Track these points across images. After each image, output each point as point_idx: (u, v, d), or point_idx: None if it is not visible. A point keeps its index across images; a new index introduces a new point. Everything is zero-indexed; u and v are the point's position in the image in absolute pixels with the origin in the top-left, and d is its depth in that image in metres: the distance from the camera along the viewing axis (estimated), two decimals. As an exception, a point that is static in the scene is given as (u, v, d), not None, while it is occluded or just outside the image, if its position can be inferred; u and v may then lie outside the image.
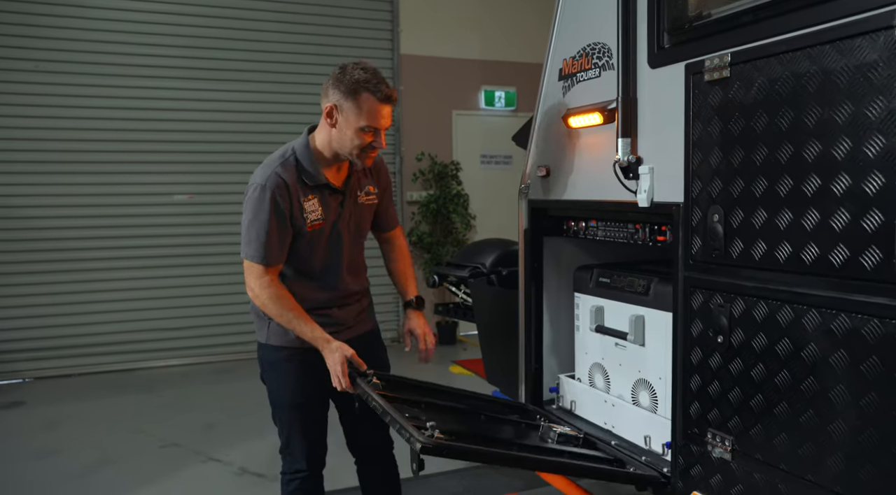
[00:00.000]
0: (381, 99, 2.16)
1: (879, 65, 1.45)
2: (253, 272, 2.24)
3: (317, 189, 2.27)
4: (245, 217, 2.26)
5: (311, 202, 2.25)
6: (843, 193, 1.53)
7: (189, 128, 6.31)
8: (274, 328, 2.34)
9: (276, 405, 2.43)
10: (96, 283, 6.08)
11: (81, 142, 6.00)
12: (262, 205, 2.19)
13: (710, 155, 1.88)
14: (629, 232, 2.41)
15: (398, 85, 7.12)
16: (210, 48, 6.35)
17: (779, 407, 1.71)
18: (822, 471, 1.62)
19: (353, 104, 2.16)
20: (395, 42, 7.13)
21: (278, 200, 2.18)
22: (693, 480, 2.00)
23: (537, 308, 2.82)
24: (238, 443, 4.33)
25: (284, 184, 2.20)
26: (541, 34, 7.78)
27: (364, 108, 2.15)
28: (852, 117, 1.51)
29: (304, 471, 2.41)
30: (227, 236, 6.50)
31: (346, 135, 2.19)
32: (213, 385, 5.70)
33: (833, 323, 1.57)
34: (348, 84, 2.15)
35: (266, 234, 2.19)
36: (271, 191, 2.18)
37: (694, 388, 1.98)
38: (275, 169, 2.23)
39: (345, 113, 2.17)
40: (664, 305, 2.27)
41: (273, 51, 6.57)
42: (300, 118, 6.65)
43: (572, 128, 2.47)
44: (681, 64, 1.98)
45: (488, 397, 2.75)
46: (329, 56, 6.76)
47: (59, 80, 5.90)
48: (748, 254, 1.79)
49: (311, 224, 2.26)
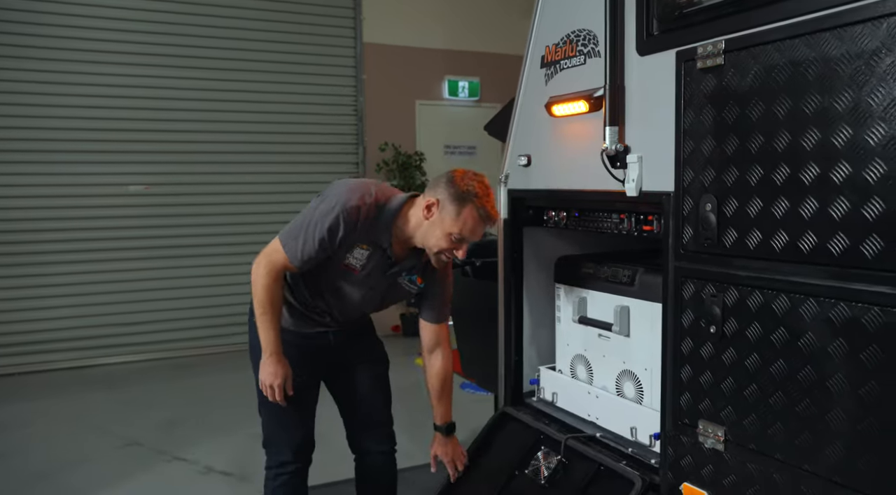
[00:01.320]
0: (483, 217, 2.20)
1: (882, 52, 1.44)
2: (272, 258, 2.21)
3: (374, 245, 2.25)
4: (308, 213, 2.21)
5: (362, 251, 2.24)
6: (843, 181, 1.52)
7: (145, 117, 6.11)
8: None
9: (264, 395, 2.33)
10: (49, 277, 5.85)
11: (29, 130, 5.77)
12: (326, 219, 2.16)
13: (703, 143, 1.86)
14: (614, 222, 2.38)
15: (361, 74, 7.02)
16: (165, 34, 6.15)
17: (774, 396, 1.71)
18: (820, 460, 1.61)
19: (455, 209, 2.17)
20: (358, 30, 7.02)
21: (342, 227, 2.16)
22: (683, 471, 1.99)
23: (517, 299, 2.79)
24: (203, 441, 4.21)
25: (354, 223, 2.18)
26: (504, 24, 7.83)
27: (462, 218, 2.17)
28: (854, 105, 1.50)
29: (291, 464, 2.35)
30: (185, 228, 6.34)
31: (435, 234, 2.20)
32: (174, 381, 5.54)
33: (832, 311, 1.56)
34: (460, 191, 2.18)
35: (313, 243, 2.16)
36: (344, 216, 2.16)
37: (685, 379, 1.96)
38: (359, 202, 2.18)
39: (443, 213, 2.18)
40: (650, 296, 2.26)
41: (232, 37, 6.40)
42: (260, 106, 6.52)
43: (556, 117, 2.43)
44: (671, 51, 1.95)
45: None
46: (290, 43, 6.64)
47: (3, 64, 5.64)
48: (742, 244, 1.77)
49: (347, 264, 2.25)
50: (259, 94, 6.52)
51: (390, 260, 2.29)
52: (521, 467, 2.48)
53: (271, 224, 6.56)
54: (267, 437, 2.40)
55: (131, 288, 6.11)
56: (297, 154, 6.72)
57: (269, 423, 2.37)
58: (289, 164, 6.68)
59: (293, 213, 2.33)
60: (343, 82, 6.96)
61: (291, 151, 6.69)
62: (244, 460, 3.94)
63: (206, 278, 6.36)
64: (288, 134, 6.67)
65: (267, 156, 6.58)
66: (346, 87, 6.97)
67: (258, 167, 6.56)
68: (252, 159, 6.53)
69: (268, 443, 2.40)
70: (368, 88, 7.05)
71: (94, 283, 5.99)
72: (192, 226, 6.33)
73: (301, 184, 6.72)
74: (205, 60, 6.29)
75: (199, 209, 6.35)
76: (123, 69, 6.00)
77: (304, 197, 6.69)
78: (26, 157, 5.76)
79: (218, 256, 6.40)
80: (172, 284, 6.23)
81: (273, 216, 6.62)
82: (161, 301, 6.20)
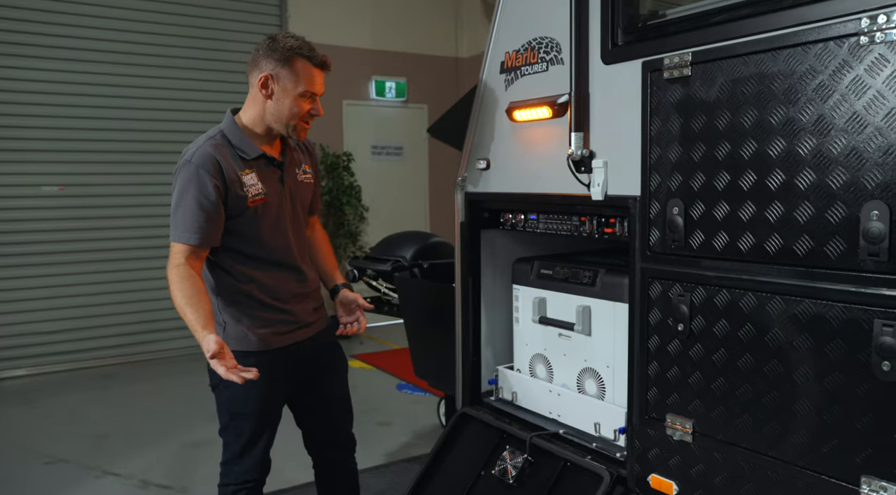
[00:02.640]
0: (317, 64, 2.17)
1: (843, 69, 1.56)
2: (173, 258, 2.08)
3: (252, 162, 2.18)
4: (173, 198, 2.12)
5: (250, 175, 2.16)
6: (808, 187, 1.64)
7: (61, 114, 5.78)
8: (231, 331, 2.20)
9: (236, 414, 2.24)
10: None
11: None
12: (188, 181, 2.08)
13: (670, 150, 1.95)
14: (574, 224, 2.45)
15: (287, 72, 6.89)
16: (81, 27, 5.84)
17: (742, 389, 1.81)
18: (785, 448, 1.73)
19: (289, 71, 2.13)
20: (284, 28, 6.88)
21: (206, 176, 2.07)
22: (651, 463, 2.08)
23: (475, 300, 2.82)
24: (135, 454, 4.04)
25: (214, 159, 2.10)
26: (431, 26, 7.86)
27: (301, 74, 2.14)
28: (817, 117, 1.61)
29: (254, 481, 2.27)
30: (104, 231, 6.05)
31: (285, 105, 2.15)
32: (98, 392, 5.27)
33: (797, 309, 1.68)
34: (282, 51, 2.13)
35: (193, 212, 2.06)
36: (197, 166, 2.08)
37: (652, 374, 2.05)
38: (201, 145, 2.13)
39: (282, 81, 2.14)
40: (611, 295, 2.34)
41: (152, 32, 6.16)
42: (183, 105, 6.30)
43: (517, 122, 2.48)
44: (637, 61, 2.04)
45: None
46: (213, 40, 6.46)
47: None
48: (709, 245, 1.87)
49: (253, 199, 2.15)
50: (181, 92, 6.30)
51: (274, 161, 2.23)
52: (486, 467, 2.52)
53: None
54: (233, 455, 2.27)
55: (46, 294, 5.77)
56: (223, 154, 6.53)
57: (240, 442, 2.25)
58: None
59: None
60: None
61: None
62: (182, 472, 3.81)
63: (128, 283, 6.08)
64: (213, 133, 6.47)
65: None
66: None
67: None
68: (175, 160, 6.27)
69: (233, 461, 2.28)
70: (295, 87, 6.93)
71: (5, 291, 5.62)
72: (111, 228, 6.04)
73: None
74: (123, 55, 6.02)
75: (119, 211, 6.06)
76: (36, 63, 5.67)
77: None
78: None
79: (139, 260, 6.13)
80: (91, 290, 5.93)
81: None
82: (80, 308, 5.89)
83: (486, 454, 2.56)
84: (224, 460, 2.30)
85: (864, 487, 1.57)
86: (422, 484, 2.66)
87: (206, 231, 2.08)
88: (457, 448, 2.69)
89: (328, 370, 2.43)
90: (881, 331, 1.52)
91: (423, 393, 5.01)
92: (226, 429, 2.28)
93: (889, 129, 1.50)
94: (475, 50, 7.94)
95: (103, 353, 5.93)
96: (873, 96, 1.52)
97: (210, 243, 2.12)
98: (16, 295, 5.65)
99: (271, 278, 2.23)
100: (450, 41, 8.06)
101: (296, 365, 2.31)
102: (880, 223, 1.51)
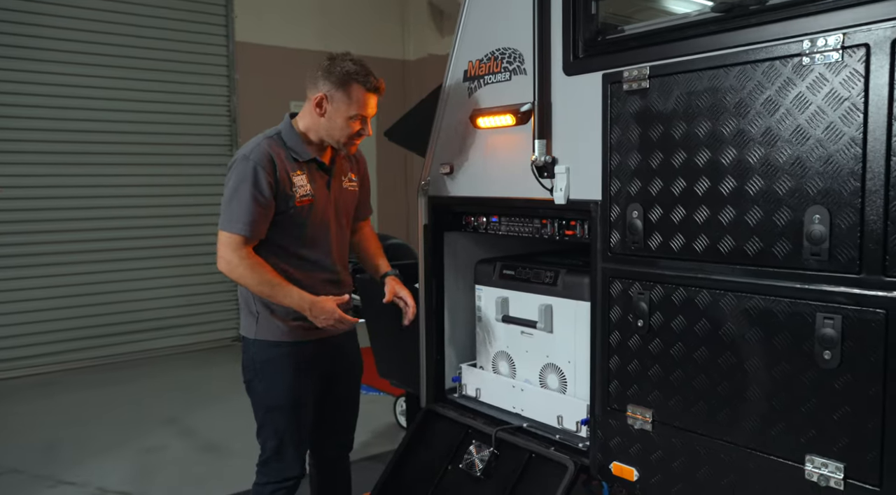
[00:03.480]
0: (370, 89, 2.29)
1: (788, 86, 1.72)
2: (230, 244, 2.19)
3: (304, 165, 2.30)
4: (227, 190, 2.22)
5: (300, 177, 2.28)
6: (757, 193, 1.79)
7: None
8: (264, 322, 2.29)
9: (271, 407, 2.30)
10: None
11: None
12: (244, 176, 2.19)
13: (629, 157, 2.08)
14: (535, 226, 2.57)
15: (234, 74, 6.85)
16: (21, 23, 5.66)
17: (697, 379, 1.96)
18: (738, 432, 1.88)
19: (343, 94, 2.26)
20: (230, 29, 6.83)
21: (261, 172, 2.19)
22: (612, 452, 2.21)
23: (438, 301, 2.91)
24: (89, 461, 3.98)
25: (270, 157, 2.22)
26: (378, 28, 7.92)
27: (354, 98, 2.27)
28: (765, 129, 1.77)
29: (294, 478, 2.32)
30: (45, 234, 5.88)
31: (336, 124, 2.28)
32: (42, 399, 5.13)
33: (748, 304, 1.83)
34: (339, 75, 2.25)
35: (247, 205, 2.18)
36: (254, 163, 2.20)
37: (613, 368, 2.18)
38: (259, 143, 2.25)
39: (335, 103, 2.27)
40: (572, 294, 2.47)
41: (96, 31, 6.02)
42: (126, 105, 6.20)
43: (480, 129, 2.58)
44: (597, 73, 2.16)
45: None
46: (158, 40, 6.36)
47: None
48: (667, 247, 2.01)
49: (301, 199, 2.27)
50: (125, 92, 6.18)
51: (324, 166, 2.36)
52: (453, 462, 2.61)
53: (142, 229, 6.29)
54: (272, 453, 2.32)
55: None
56: (169, 155, 6.44)
57: (276, 437, 2.31)
58: (160, 166, 6.39)
59: (167, 217, 2.34)
60: (216, 82, 6.74)
61: (162, 153, 6.40)
62: (140, 478, 3.77)
63: (70, 288, 5.93)
64: (158, 134, 6.37)
65: (136, 157, 6.26)
66: (219, 86, 6.77)
67: (126, 169, 6.21)
68: (119, 161, 6.18)
69: (272, 459, 2.32)
70: (242, 89, 6.89)
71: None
72: (53, 231, 5.87)
73: (173, 187, 6.44)
74: (65, 54, 5.88)
75: (62, 213, 5.91)
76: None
77: (176, 201, 6.50)
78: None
79: (83, 264, 6.00)
80: (33, 295, 5.75)
81: (144, 220, 6.31)
82: (21, 313, 5.71)
83: (453, 449, 2.65)
84: (262, 460, 2.35)
85: (808, 465, 1.73)
86: (390, 481, 2.73)
87: (257, 224, 2.20)
88: (424, 443, 2.78)
89: (348, 371, 2.54)
90: (823, 323, 1.68)
91: (378, 393, 5.06)
92: (262, 428, 2.34)
93: (828, 141, 1.66)
94: (421, 52, 8.03)
95: (44, 360, 5.76)
96: (815, 111, 1.68)
97: (258, 236, 2.23)
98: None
99: (308, 277, 2.32)
100: (396, 44, 8.12)
101: (322, 360, 2.40)
102: (821, 226, 1.67)
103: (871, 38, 1.58)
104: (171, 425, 4.56)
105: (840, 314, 1.66)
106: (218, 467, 3.90)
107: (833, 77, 1.64)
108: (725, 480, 1.91)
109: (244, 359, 2.38)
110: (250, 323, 2.35)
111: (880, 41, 1.56)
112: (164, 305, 6.40)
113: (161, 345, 6.30)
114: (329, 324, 2.25)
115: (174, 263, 6.46)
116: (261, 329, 2.32)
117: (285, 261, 2.30)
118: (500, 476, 2.46)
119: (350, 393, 2.60)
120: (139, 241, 6.29)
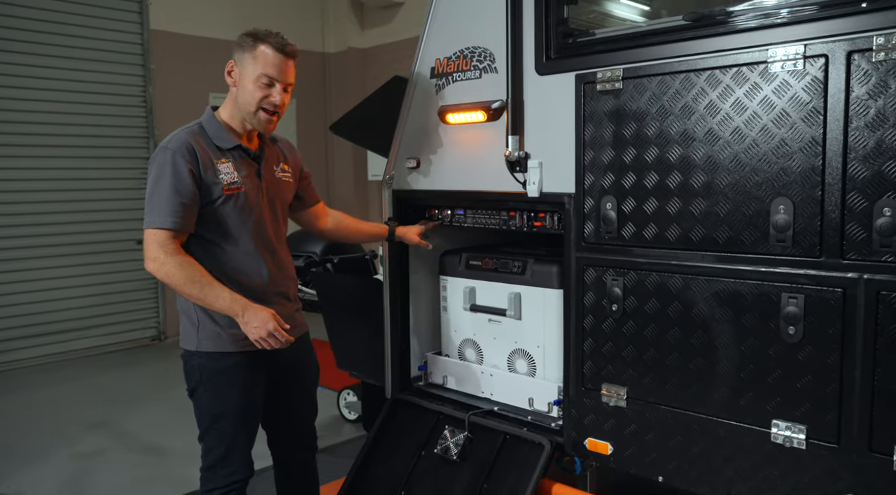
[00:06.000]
0: (277, 47, 2.17)
1: (755, 90, 1.91)
2: (156, 240, 2.06)
3: (228, 153, 2.21)
4: (148, 185, 2.12)
5: (226, 164, 2.19)
6: (726, 186, 1.98)
7: None
8: (207, 332, 2.16)
9: (218, 416, 2.19)
10: None
11: None
12: (163, 167, 2.10)
13: (603, 152, 2.23)
14: (502, 218, 2.68)
15: (149, 63, 6.58)
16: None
17: (670, 357, 2.14)
18: (709, 404, 2.07)
19: (249, 55, 2.17)
20: (145, 16, 6.56)
21: (180, 161, 2.09)
22: (586, 428, 2.36)
23: (403, 292, 2.98)
24: (18, 470, 3.77)
25: (190, 145, 2.13)
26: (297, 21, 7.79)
27: (260, 59, 2.16)
28: (734, 128, 1.95)
29: (242, 480, 2.25)
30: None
31: (246, 90, 2.18)
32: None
33: (718, 287, 2.02)
34: (244, 38, 2.19)
35: (169, 197, 2.07)
36: (173, 151, 2.11)
37: (587, 350, 2.33)
38: (177, 134, 2.17)
39: (243, 66, 2.18)
40: (541, 282, 2.60)
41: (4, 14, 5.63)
42: (35, 94, 5.86)
43: (449, 124, 2.66)
44: (570, 74, 2.30)
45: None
46: (70, 25, 6.04)
47: None
48: (640, 236, 2.17)
49: (229, 187, 2.16)
50: (34, 80, 5.82)
51: (250, 154, 2.26)
52: (427, 447, 2.69)
53: (64, 224, 5.97)
54: (217, 458, 2.22)
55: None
56: (83, 148, 6.12)
57: (223, 444, 2.22)
58: (74, 159, 6.06)
59: (85, 213, 2.24)
60: (130, 71, 6.46)
61: (76, 145, 6.08)
62: (76, 485, 3.62)
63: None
64: (70, 126, 6.04)
65: (48, 149, 5.91)
66: (134, 76, 6.49)
67: (37, 162, 5.86)
68: (30, 153, 5.82)
69: (218, 464, 2.23)
70: (158, 78, 6.63)
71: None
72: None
73: (88, 181, 6.14)
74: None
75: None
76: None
77: (92, 195, 6.19)
78: None
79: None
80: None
81: (63, 216, 6.00)
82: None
83: (425, 435, 2.73)
84: (206, 465, 2.24)
85: (773, 429, 1.94)
86: (362, 470, 2.78)
87: (183, 215, 2.08)
88: (395, 431, 2.84)
89: (302, 371, 2.45)
90: (787, 302, 1.89)
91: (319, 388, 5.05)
92: (207, 433, 2.23)
93: (791, 140, 1.86)
94: (342, 45, 7.99)
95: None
96: (779, 113, 1.87)
97: (187, 228, 2.11)
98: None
99: (247, 276, 2.20)
100: (316, 36, 8.04)
101: (272, 365, 2.30)
102: (786, 215, 1.87)
103: (829, 50, 1.78)
104: (102, 428, 4.38)
105: (803, 293, 1.86)
106: (164, 468, 3.80)
107: (796, 82, 1.84)
108: (696, 448, 2.10)
109: (186, 369, 2.23)
110: (190, 333, 2.20)
111: (837, 52, 1.77)
112: (76, 305, 6.09)
113: (76, 347, 5.99)
114: (260, 335, 2.04)
115: (89, 260, 6.16)
116: (203, 340, 2.17)
117: (221, 258, 2.18)
118: (476, 458, 2.56)
119: (306, 393, 2.52)
120: (48, 238, 5.95)
